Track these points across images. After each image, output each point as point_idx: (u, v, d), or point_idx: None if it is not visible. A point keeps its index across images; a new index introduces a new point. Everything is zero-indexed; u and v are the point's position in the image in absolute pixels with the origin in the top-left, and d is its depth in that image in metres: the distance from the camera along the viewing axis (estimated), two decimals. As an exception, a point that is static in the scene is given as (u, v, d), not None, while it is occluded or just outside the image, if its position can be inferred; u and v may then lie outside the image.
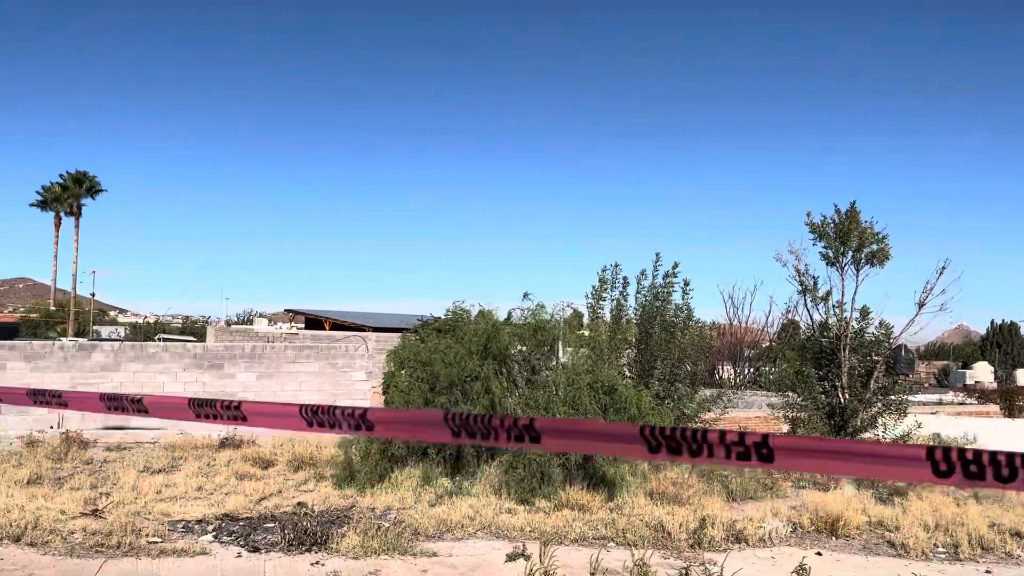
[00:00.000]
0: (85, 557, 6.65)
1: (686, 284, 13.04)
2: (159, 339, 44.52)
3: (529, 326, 12.37)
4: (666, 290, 12.97)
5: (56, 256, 61.25)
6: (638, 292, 13.37)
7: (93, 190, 58.90)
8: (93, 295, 61.09)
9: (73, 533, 7.25)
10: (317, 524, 7.60)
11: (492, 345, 11.76)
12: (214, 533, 7.56)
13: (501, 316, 13.32)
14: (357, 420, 2.08)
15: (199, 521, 7.99)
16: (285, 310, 52.89)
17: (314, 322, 52.32)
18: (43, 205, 60.72)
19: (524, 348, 12.49)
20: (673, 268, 13.09)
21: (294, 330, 49.76)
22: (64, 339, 36.21)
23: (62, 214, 60.95)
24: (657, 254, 13.20)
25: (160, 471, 10.90)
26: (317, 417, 2.17)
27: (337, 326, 49.67)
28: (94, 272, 64.47)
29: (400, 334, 25.93)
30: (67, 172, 58.40)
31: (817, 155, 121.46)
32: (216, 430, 14.80)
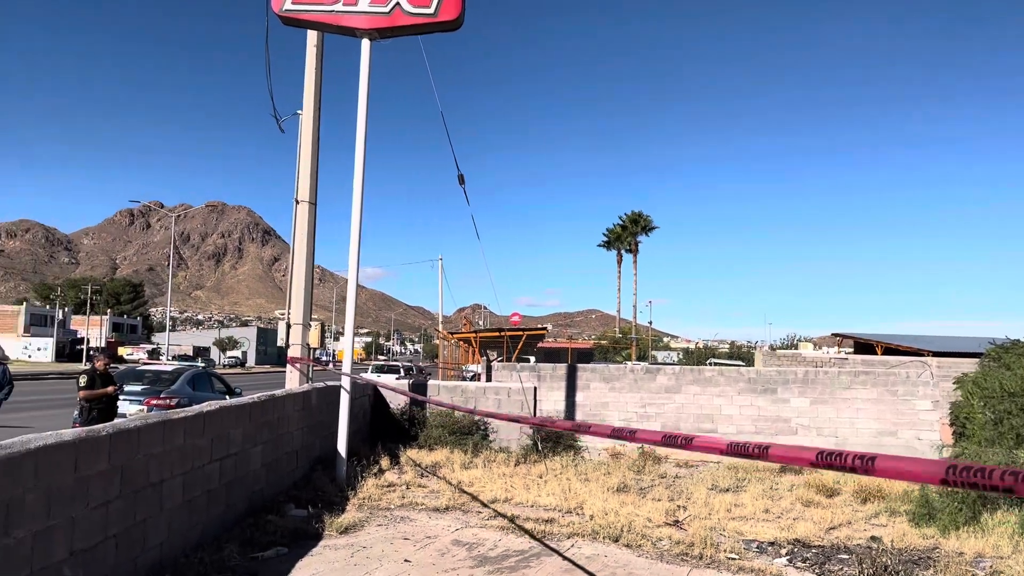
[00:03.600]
0: (672, 563, 7.25)
1: None
2: (709, 363, 46.95)
3: None
4: None
5: (619, 289, 69.22)
6: None
7: (647, 228, 65.31)
8: (650, 323, 67.42)
9: (660, 540, 7.97)
10: (898, 562, 7.09)
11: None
12: (788, 557, 7.58)
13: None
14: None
15: (771, 543, 8.10)
16: (832, 334, 51.14)
17: (864, 346, 49.61)
18: (607, 245, 69.34)
19: None
20: None
21: (842, 355, 47.88)
22: (629, 363, 40.63)
23: (622, 251, 68.74)
24: None
25: (727, 490, 11.38)
26: (962, 476, 1.91)
27: (890, 350, 46.31)
28: (650, 302, 70.86)
29: (970, 359, 22.92)
30: (625, 214, 65.91)
31: None
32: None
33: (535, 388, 16.50)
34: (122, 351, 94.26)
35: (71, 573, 5.13)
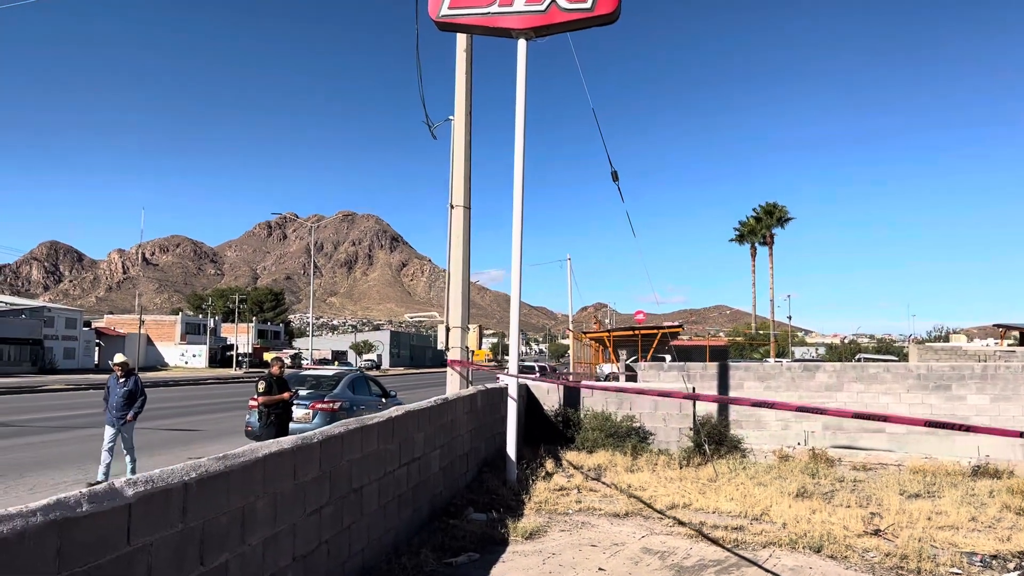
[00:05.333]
0: (887, 578, 6.71)
1: None
2: (858, 359, 44.58)
3: None
4: None
5: (754, 284, 66.94)
6: None
7: (783, 220, 62.79)
8: (790, 318, 64.70)
9: (868, 551, 7.42)
10: None
11: None
12: (1018, 573, 6.88)
13: None
14: None
15: (994, 556, 7.39)
16: (995, 325, 47.57)
17: (1032, 337, 45.78)
18: (740, 239, 67.17)
19: None
20: None
21: (1006, 347, 44.39)
22: (784, 361, 39.04)
23: (756, 244, 66.44)
24: None
25: (917, 496, 10.59)
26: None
27: (1063, 341, 42.51)
28: (788, 296, 68.17)
29: None
30: (759, 205, 63.54)
31: None
32: (966, 456, 13.87)
33: (694, 388, 15.99)
34: (266, 356, 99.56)
35: (294, 579, 5.21)
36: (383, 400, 17.27)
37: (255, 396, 15.55)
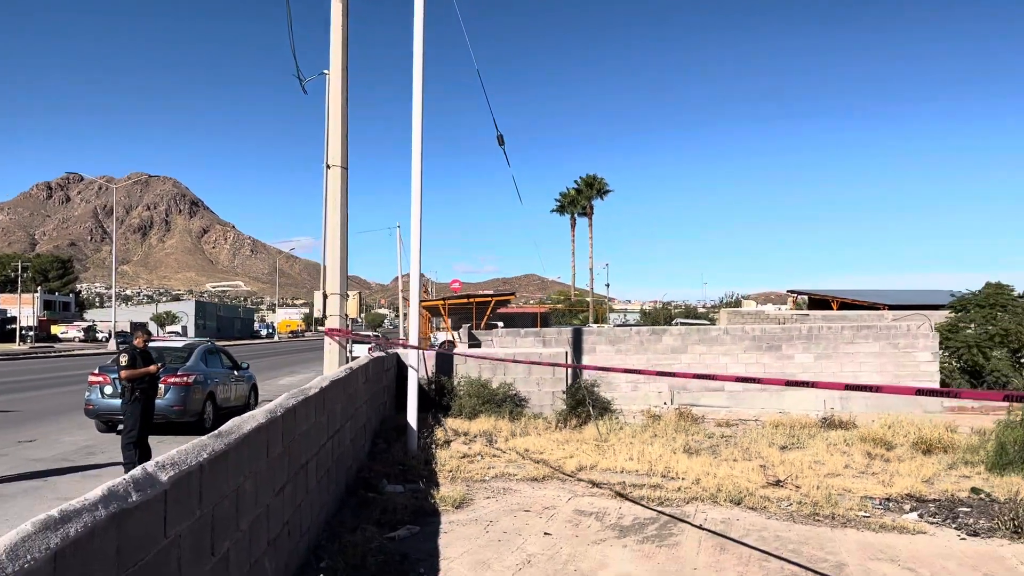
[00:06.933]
0: (810, 524, 7.16)
1: None
2: (676, 324, 47.51)
3: None
4: None
5: (573, 253, 69.31)
6: None
7: (602, 191, 65.28)
8: (608, 286, 67.65)
9: (782, 501, 7.89)
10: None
11: None
12: (917, 513, 7.58)
13: None
14: None
15: (887, 499, 8.11)
16: (788, 291, 52.35)
17: (818, 302, 50.95)
18: (561, 209, 69.14)
19: None
20: None
21: (800, 311, 49.06)
22: (592, 325, 40.72)
23: (576, 215, 68.75)
24: None
25: (786, 447, 11.39)
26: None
27: (845, 305, 47.67)
28: (607, 265, 71.31)
29: (924, 311, 23.51)
30: (580, 177, 65.63)
31: None
32: (814, 410, 15.12)
33: (567, 352, 16.28)
34: (55, 329, 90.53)
35: (270, 566, 4.73)
36: (235, 372, 16.26)
37: (96, 371, 14.13)
